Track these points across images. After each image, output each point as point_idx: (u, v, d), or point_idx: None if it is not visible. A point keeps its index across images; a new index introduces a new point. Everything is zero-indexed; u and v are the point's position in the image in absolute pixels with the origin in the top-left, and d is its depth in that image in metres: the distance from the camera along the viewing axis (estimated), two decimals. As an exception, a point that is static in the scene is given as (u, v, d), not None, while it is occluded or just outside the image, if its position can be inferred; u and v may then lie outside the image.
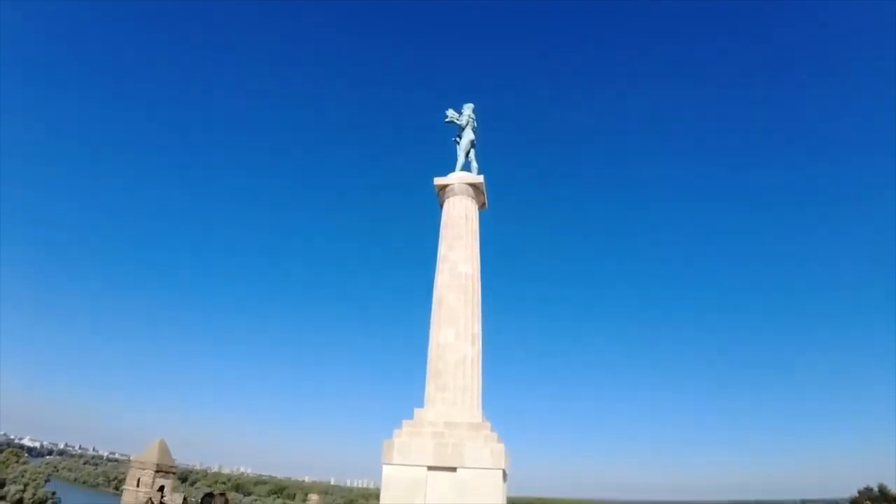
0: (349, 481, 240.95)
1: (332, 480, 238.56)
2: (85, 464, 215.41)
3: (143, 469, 23.99)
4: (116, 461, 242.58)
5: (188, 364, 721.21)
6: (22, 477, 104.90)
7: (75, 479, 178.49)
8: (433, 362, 17.32)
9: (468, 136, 21.51)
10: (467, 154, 21.37)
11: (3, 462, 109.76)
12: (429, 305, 18.68)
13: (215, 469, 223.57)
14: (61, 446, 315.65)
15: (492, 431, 15.83)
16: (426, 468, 15.09)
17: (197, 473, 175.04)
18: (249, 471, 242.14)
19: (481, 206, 20.97)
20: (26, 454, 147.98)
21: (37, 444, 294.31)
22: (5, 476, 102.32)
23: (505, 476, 15.43)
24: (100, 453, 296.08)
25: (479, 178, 20.38)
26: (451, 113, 21.87)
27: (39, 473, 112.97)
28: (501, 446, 15.19)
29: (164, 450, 25.04)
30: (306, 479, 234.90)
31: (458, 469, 14.89)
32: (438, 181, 20.54)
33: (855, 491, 51.28)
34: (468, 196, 20.09)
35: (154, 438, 25.88)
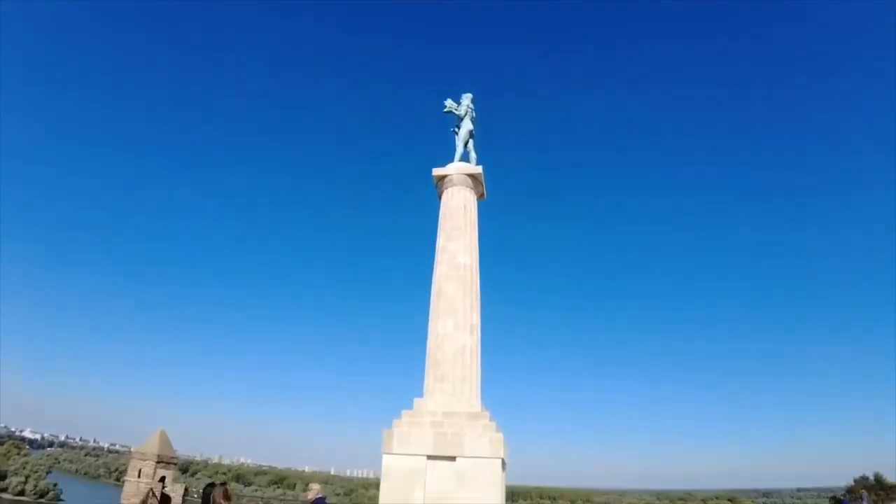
0: (349, 471, 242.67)
1: (332, 470, 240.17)
2: (86, 455, 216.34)
3: (144, 460, 24.04)
4: (117, 452, 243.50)
5: (188, 356, 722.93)
6: (23, 469, 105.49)
7: (76, 470, 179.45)
8: (432, 353, 17.39)
9: (467, 126, 21.42)
10: (466, 144, 21.30)
11: (5, 454, 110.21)
12: (428, 296, 18.73)
13: (216, 460, 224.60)
14: (62, 438, 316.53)
15: (490, 421, 15.93)
16: (426, 457, 15.20)
17: (198, 464, 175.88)
18: (249, 461, 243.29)
19: (480, 197, 20.93)
20: (27, 446, 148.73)
21: (38, 437, 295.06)
22: (7, 468, 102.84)
23: (504, 465, 15.54)
24: (100, 445, 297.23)
25: (477, 169, 20.33)
26: (449, 103, 21.78)
27: (41, 465, 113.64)
28: (500, 435, 15.29)
29: (164, 441, 25.11)
30: (306, 469, 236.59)
31: (457, 458, 15.00)
32: (437, 172, 20.49)
33: (851, 480, 51.64)
34: (467, 186, 20.05)
35: (154, 430, 26.00)
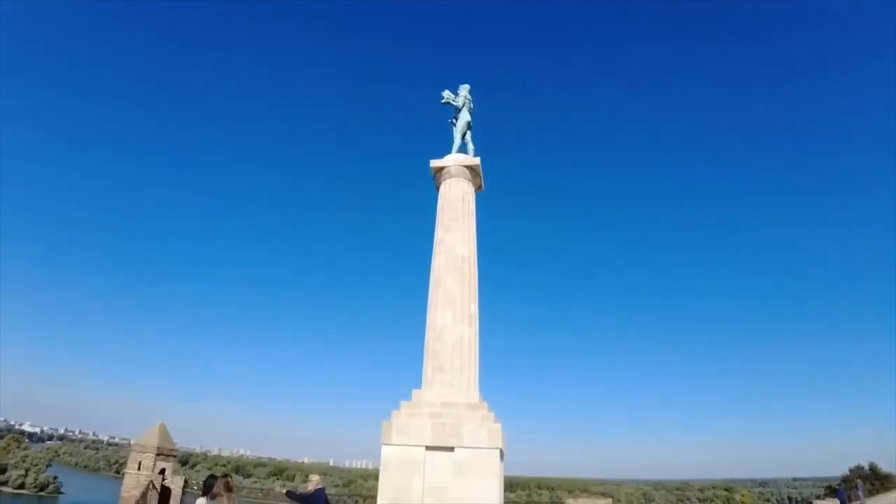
0: (348, 462, 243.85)
1: (332, 461, 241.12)
2: (85, 448, 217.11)
3: (144, 453, 24.10)
4: (117, 445, 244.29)
5: (186, 348, 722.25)
6: (23, 462, 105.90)
7: (76, 463, 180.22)
8: (430, 344, 17.44)
9: (464, 117, 21.30)
10: (464, 136, 21.19)
11: (4, 448, 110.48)
12: (426, 288, 18.76)
13: (215, 452, 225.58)
14: (61, 431, 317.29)
15: (489, 411, 16.01)
16: (424, 448, 15.28)
17: (197, 456, 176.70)
18: (249, 453, 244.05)
19: (478, 189, 20.91)
20: (27, 440, 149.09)
21: (37, 430, 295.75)
22: (7, 462, 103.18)
23: (502, 455, 15.63)
24: (100, 438, 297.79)
25: (475, 160, 20.28)
26: (447, 94, 21.66)
27: (40, 458, 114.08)
28: (498, 426, 15.38)
29: (164, 433, 25.18)
30: (305, 460, 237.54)
31: (455, 448, 15.09)
32: (435, 163, 20.43)
33: (846, 469, 52.20)
34: (465, 178, 20.02)
35: (154, 422, 26.11)
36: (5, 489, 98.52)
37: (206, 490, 8.53)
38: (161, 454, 24.20)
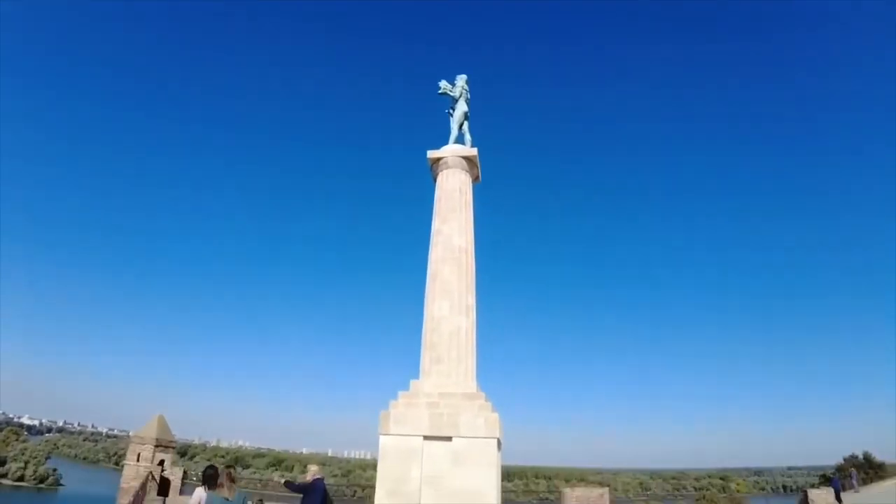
0: (346, 452, 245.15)
1: (330, 452, 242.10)
2: (84, 440, 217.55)
3: (143, 444, 24.14)
4: (116, 437, 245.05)
5: (184, 339, 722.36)
6: (22, 455, 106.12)
7: (75, 455, 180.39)
8: (428, 335, 17.48)
9: (462, 107, 21.18)
10: (461, 126, 21.08)
11: (3, 440, 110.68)
12: (423, 279, 18.75)
13: (214, 443, 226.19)
14: (60, 424, 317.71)
15: (486, 401, 16.07)
16: (422, 438, 15.37)
17: (196, 447, 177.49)
18: (248, 444, 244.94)
19: (475, 179, 20.86)
20: (26, 432, 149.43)
21: (36, 423, 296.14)
22: (6, 454, 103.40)
23: (499, 445, 15.73)
24: (99, 430, 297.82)
25: (472, 151, 20.20)
26: (444, 84, 21.51)
27: (40, 451, 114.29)
28: (496, 416, 15.46)
29: (163, 425, 25.23)
30: (304, 450, 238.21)
31: (453, 438, 15.18)
32: (432, 154, 20.32)
33: (840, 458, 52.67)
34: (462, 169, 19.95)
35: (153, 414, 26.15)
36: (5, 482, 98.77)
37: (206, 480, 8.53)
38: (160, 445, 24.26)
